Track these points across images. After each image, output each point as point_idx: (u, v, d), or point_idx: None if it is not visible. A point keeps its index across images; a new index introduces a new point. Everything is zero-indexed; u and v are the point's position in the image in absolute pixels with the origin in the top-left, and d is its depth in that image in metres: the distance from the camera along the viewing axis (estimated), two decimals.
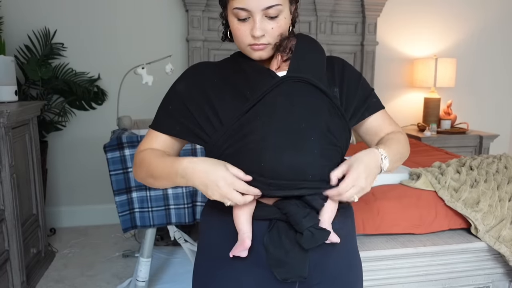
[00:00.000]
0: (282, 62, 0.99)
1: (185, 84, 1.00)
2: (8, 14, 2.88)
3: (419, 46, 3.65)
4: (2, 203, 2.08)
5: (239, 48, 1.01)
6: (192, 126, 0.96)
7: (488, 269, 1.66)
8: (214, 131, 0.94)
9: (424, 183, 1.72)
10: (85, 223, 3.22)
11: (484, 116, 3.85)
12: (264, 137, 0.89)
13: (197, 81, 0.99)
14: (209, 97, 0.96)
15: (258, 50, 0.96)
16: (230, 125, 0.92)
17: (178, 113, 0.98)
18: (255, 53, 0.97)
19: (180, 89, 1.00)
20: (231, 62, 1.04)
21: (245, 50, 0.99)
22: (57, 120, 3.01)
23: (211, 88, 0.97)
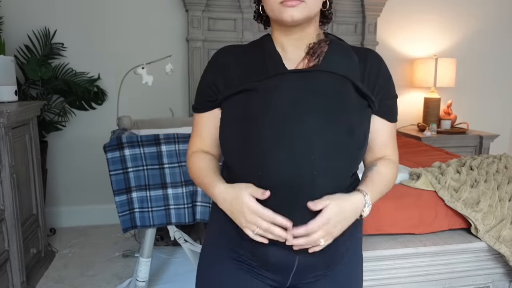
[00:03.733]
0: (308, 66, 0.95)
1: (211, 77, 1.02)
2: (8, 14, 2.88)
3: (419, 46, 3.65)
4: (2, 203, 2.08)
5: (270, 14, 0.96)
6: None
7: (488, 269, 1.66)
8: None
9: (424, 183, 1.72)
10: (85, 223, 3.22)
11: (484, 116, 3.85)
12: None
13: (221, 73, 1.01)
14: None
15: (290, 6, 0.89)
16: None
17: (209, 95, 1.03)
18: (287, 11, 0.90)
19: (208, 81, 1.03)
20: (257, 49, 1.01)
21: (276, 12, 0.92)
22: (57, 120, 3.01)
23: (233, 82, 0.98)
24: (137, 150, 1.89)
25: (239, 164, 0.95)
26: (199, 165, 1.03)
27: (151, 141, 1.89)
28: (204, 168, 1.01)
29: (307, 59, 0.96)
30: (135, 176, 1.89)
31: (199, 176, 1.01)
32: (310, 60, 0.96)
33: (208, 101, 1.02)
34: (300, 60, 0.97)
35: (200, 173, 1.01)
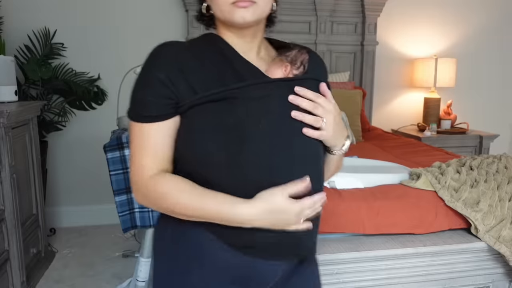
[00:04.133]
0: (290, 75, 0.94)
1: (165, 73, 0.84)
2: (8, 14, 2.88)
3: (419, 46, 3.65)
4: (2, 203, 2.08)
5: (219, 15, 0.89)
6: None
7: (488, 269, 1.66)
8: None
9: (424, 183, 1.71)
10: (85, 223, 3.22)
11: (484, 116, 3.85)
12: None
13: (178, 70, 0.85)
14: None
15: (242, 7, 0.84)
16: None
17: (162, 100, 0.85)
18: (238, 12, 0.85)
19: (162, 78, 0.84)
20: (211, 48, 0.90)
21: (226, 13, 0.87)
22: (57, 120, 3.01)
23: (198, 84, 0.85)
24: None
25: (225, 178, 0.83)
26: (181, 188, 0.83)
27: None
28: (193, 192, 0.83)
29: (289, 66, 0.94)
30: None
31: (189, 202, 0.82)
32: (292, 68, 0.94)
33: (167, 105, 0.84)
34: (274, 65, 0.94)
35: (189, 199, 0.82)
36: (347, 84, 3.26)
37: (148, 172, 0.85)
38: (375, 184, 1.77)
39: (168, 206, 0.85)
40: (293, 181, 0.82)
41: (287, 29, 3.31)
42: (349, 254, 1.52)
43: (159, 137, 0.85)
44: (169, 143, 0.86)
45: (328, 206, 1.57)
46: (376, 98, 3.61)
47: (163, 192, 0.84)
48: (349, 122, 2.98)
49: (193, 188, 0.83)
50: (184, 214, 0.84)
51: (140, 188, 0.86)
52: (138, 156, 0.86)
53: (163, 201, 0.84)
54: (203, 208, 0.82)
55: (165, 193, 0.84)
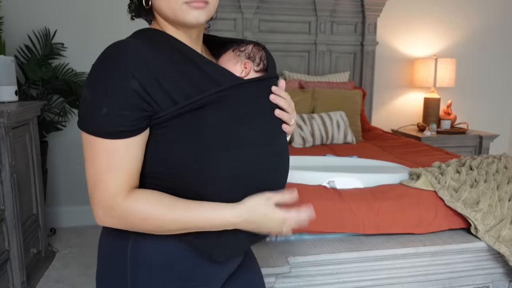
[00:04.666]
0: (252, 71, 0.95)
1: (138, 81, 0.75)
2: (8, 14, 2.88)
3: (419, 46, 3.65)
4: (2, 203, 2.08)
5: (166, 12, 0.82)
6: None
7: (488, 269, 1.66)
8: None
9: (424, 183, 1.72)
10: (85, 223, 3.22)
11: (484, 116, 3.85)
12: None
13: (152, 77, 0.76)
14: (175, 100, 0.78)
15: (197, 8, 0.80)
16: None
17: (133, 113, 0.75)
18: (192, 12, 0.80)
19: (136, 88, 0.74)
20: (170, 51, 0.82)
21: (177, 12, 0.80)
22: (57, 120, 3.01)
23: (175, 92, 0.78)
24: None
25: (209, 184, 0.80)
26: (162, 205, 0.77)
27: None
28: (175, 206, 0.78)
29: (250, 63, 0.95)
30: None
31: (173, 217, 0.77)
32: (252, 65, 0.95)
33: (142, 118, 0.75)
34: (228, 62, 0.94)
35: (173, 213, 0.77)
36: (347, 84, 3.26)
37: (122, 193, 0.76)
38: (375, 184, 1.78)
39: (152, 227, 0.78)
40: (281, 191, 0.85)
41: (287, 29, 3.31)
42: (349, 254, 1.52)
43: (132, 154, 0.76)
44: (140, 158, 0.78)
45: (328, 206, 1.58)
46: (376, 98, 3.61)
47: (144, 212, 0.76)
48: (349, 122, 2.99)
49: (174, 201, 0.78)
50: (168, 230, 0.79)
51: (113, 212, 0.77)
52: (107, 176, 0.76)
53: (146, 221, 0.77)
54: (189, 218, 0.78)
55: (147, 212, 0.77)
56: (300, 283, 1.51)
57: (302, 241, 1.60)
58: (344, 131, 2.88)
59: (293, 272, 1.47)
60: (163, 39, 0.84)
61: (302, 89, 3.12)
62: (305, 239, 1.62)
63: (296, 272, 1.48)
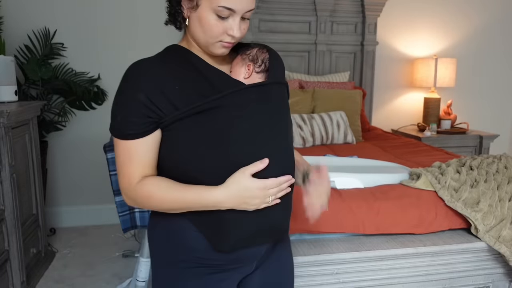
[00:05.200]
0: (253, 73, 1.01)
1: (145, 94, 0.91)
2: (8, 14, 2.88)
3: (419, 46, 3.65)
4: (2, 203, 2.08)
5: (201, 40, 0.96)
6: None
7: (488, 269, 1.66)
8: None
9: (424, 183, 1.72)
10: (85, 223, 3.22)
11: (484, 116, 3.85)
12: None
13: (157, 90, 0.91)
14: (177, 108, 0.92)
15: (227, 47, 0.97)
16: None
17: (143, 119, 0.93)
18: (222, 49, 0.97)
19: (143, 100, 0.91)
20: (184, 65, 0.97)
21: (210, 44, 0.96)
22: (57, 120, 3.01)
23: (178, 100, 0.91)
24: None
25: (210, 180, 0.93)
26: (162, 187, 0.94)
27: None
28: (173, 187, 0.94)
29: (251, 65, 1.01)
30: None
31: (172, 196, 0.93)
32: (254, 67, 1.01)
33: (148, 123, 0.92)
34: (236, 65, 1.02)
35: (171, 193, 0.93)
36: (347, 84, 3.26)
37: (135, 180, 0.96)
38: (375, 184, 1.77)
39: (156, 204, 0.95)
40: (254, 163, 0.92)
41: (287, 29, 3.31)
42: (349, 254, 1.52)
43: (143, 150, 0.95)
44: (152, 153, 0.96)
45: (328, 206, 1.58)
46: (376, 98, 3.61)
47: (148, 192, 0.94)
48: (349, 122, 2.98)
49: (173, 184, 0.94)
50: (170, 208, 0.95)
51: (129, 194, 0.97)
52: (126, 168, 0.96)
53: (151, 200, 0.95)
54: (184, 198, 0.93)
55: (150, 192, 0.94)
56: (300, 283, 1.51)
57: (302, 241, 1.60)
58: (344, 131, 2.88)
59: None
60: (182, 56, 0.98)
61: (302, 89, 3.12)
62: (305, 239, 1.61)
63: (296, 272, 1.48)
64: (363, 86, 3.46)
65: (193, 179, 0.94)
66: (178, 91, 0.92)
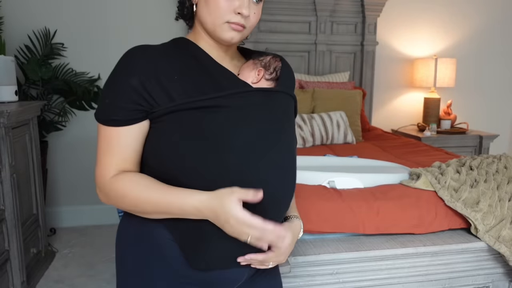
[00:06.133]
0: (263, 79, 0.98)
1: (139, 79, 0.84)
2: (8, 14, 2.88)
3: (419, 46, 3.65)
4: (2, 203, 2.08)
5: (208, 24, 0.90)
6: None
7: (488, 269, 1.66)
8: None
9: (424, 183, 1.72)
10: (85, 223, 3.22)
11: (484, 116, 3.85)
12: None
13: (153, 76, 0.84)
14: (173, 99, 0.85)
15: (235, 30, 0.89)
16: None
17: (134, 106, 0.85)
18: (231, 32, 0.89)
19: (135, 85, 0.84)
20: (188, 57, 0.91)
21: (217, 27, 0.89)
22: (57, 120, 3.02)
23: (175, 91, 0.85)
24: None
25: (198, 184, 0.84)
26: (141, 185, 0.84)
27: None
28: (152, 186, 0.83)
29: (263, 71, 0.99)
30: None
31: (149, 197, 0.83)
32: (265, 73, 0.99)
33: (136, 111, 0.84)
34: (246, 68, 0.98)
35: (149, 193, 0.83)
36: (347, 84, 3.26)
37: (111, 173, 0.86)
38: (375, 184, 1.77)
39: (130, 203, 0.85)
40: (248, 189, 0.81)
41: (287, 29, 3.31)
42: (349, 254, 1.52)
43: (125, 140, 0.86)
44: (135, 145, 0.87)
45: (328, 206, 1.58)
46: (376, 98, 3.61)
47: (123, 189, 0.85)
48: (349, 122, 2.99)
49: (153, 183, 0.85)
50: (144, 211, 0.85)
51: (102, 188, 0.88)
52: (103, 157, 0.87)
53: (124, 199, 0.85)
54: (163, 199, 0.82)
55: (125, 190, 0.85)
56: (300, 283, 1.51)
57: (302, 241, 1.60)
58: (344, 131, 2.88)
59: (293, 272, 1.46)
60: (187, 48, 0.93)
61: (302, 89, 3.12)
62: (305, 239, 1.62)
63: (296, 272, 1.48)
64: (363, 86, 3.46)
65: (175, 180, 0.84)
66: (176, 82, 0.85)
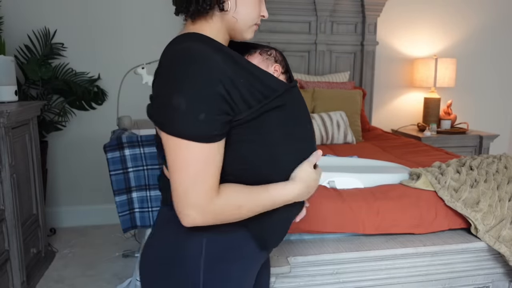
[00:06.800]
0: (281, 74, 1.04)
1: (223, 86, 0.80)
2: (8, 14, 2.88)
3: (419, 46, 3.65)
4: (2, 203, 2.08)
5: (241, 24, 0.92)
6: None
7: (488, 269, 1.66)
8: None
9: (424, 183, 1.72)
10: (85, 223, 3.22)
11: (484, 116, 3.85)
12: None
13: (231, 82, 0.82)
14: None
15: (256, 29, 0.98)
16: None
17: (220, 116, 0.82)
18: (253, 33, 0.98)
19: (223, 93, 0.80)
20: (229, 58, 0.86)
21: (248, 28, 0.94)
22: (57, 120, 3.02)
23: (249, 95, 0.85)
24: (137, 150, 1.90)
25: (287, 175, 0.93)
26: (246, 193, 0.86)
27: (151, 141, 1.89)
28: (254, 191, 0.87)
29: (279, 67, 1.04)
30: (135, 176, 1.90)
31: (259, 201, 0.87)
32: (280, 68, 1.04)
33: (228, 122, 0.82)
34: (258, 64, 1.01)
35: (258, 198, 0.87)
36: (347, 84, 3.26)
37: (215, 192, 0.82)
38: (375, 184, 1.77)
39: (247, 213, 0.87)
40: (312, 154, 0.95)
41: (287, 29, 3.31)
42: (349, 254, 1.52)
43: (221, 155, 0.83)
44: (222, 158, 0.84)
45: (328, 206, 1.58)
46: (376, 98, 3.61)
47: (238, 202, 0.85)
48: (349, 122, 2.98)
49: (251, 188, 0.87)
50: (256, 211, 0.88)
51: (210, 209, 0.82)
52: (206, 177, 0.80)
53: (242, 208, 0.85)
54: (269, 199, 0.88)
55: (239, 201, 0.85)
56: (300, 283, 1.51)
57: (302, 241, 1.60)
58: (344, 131, 2.88)
59: (293, 272, 1.46)
60: (217, 44, 0.86)
61: (302, 89, 3.11)
62: (305, 239, 1.62)
63: (296, 272, 1.48)
64: (363, 86, 3.46)
65: (263, 179, 0.89)
66: (244, 85, 0.82)
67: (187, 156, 0.79)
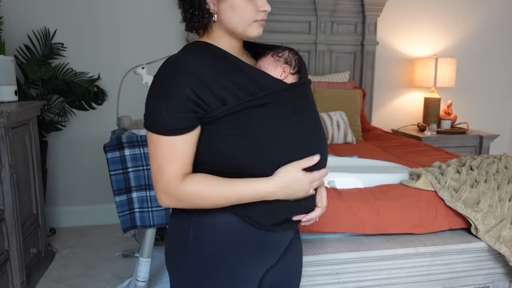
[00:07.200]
0: (289, 75, 1.06)
1: (191, 88, 0.90)
2: (8, 14, 2.88)
3: (419, 46, 3.65)
4: (2, 203, 2.08)
5: (238, 27, 0.97)
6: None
7: (488, 269, 1.66)
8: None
9: (424, 183, 1.71)
10: (85, 223, 3.22)
11: (484, 116, 3.85)
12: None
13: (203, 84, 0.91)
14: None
15: (262, 25, 0.99)
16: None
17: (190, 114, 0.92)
18: (259, 29, 0.99)
19: (189, 94, 0.90)
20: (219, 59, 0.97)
21: (248, 27, 0.98)
22: (57, 120, 3.01)
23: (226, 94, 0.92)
24: (137, 150, 1.89)
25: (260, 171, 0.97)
26: (215, 185, 0.93)
27: None
28: (225, 184, 0.93)
29: (287, 67, 1.06)
30: (135, 176, 1.90)
31: (227, 193, 0.93)
32: (290, 69, 1.06)
33: (192, 119, 0.91)
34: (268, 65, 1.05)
35: (225, 190, 0.93)
36: (347, 84, 3.26)
37: (178, 179, 0.93)
38: (375, 184, 1.77)
39: (211, 202, 0.94)
40: (306, 158, 0.97)
41: (287, 29, 3.31)
42: (349, 254, 1.52)
43: (185, 147, 0.93)
44: (193, 149, 0.95)
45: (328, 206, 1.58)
46: (376, 98, 3.61)
47: (201, 192, 0.93)
48: (349, 122, 2.98)
49: (223, 181, 0.94)
50: (223, 204, 0.95)
51: (173, 195, 0.94)
52: (169, 166, 0.93)
53: (202, 200, 0.94)
54: (239, 192, 0.93)
55: (203, 192, 0.93)
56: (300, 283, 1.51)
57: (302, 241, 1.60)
58: (344, 131, 2.88)
59: None
60: (213, 50, 0.98)
61: None
62: (305, 239, 1.61)
63: None
64: (363, 86, 3.46)
65: (246, 172, 0.94)
66: (223, 85, 0.91)
67: (154, 147, 0.94)
